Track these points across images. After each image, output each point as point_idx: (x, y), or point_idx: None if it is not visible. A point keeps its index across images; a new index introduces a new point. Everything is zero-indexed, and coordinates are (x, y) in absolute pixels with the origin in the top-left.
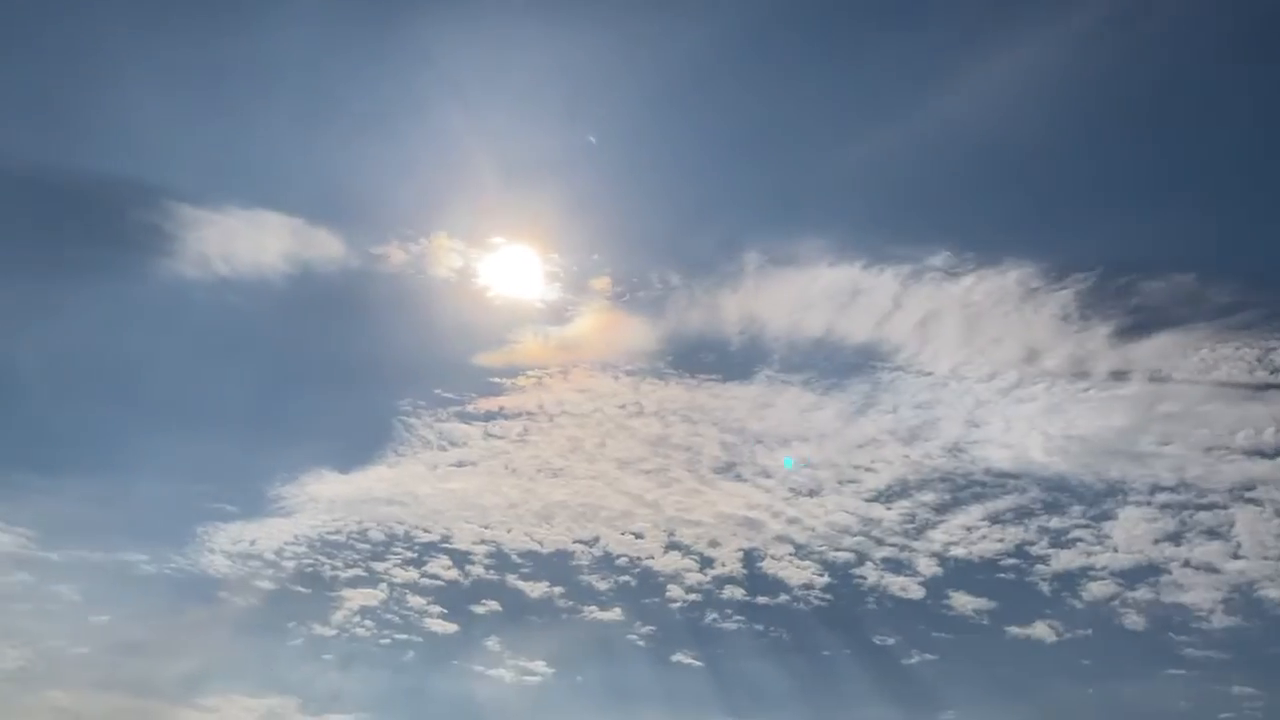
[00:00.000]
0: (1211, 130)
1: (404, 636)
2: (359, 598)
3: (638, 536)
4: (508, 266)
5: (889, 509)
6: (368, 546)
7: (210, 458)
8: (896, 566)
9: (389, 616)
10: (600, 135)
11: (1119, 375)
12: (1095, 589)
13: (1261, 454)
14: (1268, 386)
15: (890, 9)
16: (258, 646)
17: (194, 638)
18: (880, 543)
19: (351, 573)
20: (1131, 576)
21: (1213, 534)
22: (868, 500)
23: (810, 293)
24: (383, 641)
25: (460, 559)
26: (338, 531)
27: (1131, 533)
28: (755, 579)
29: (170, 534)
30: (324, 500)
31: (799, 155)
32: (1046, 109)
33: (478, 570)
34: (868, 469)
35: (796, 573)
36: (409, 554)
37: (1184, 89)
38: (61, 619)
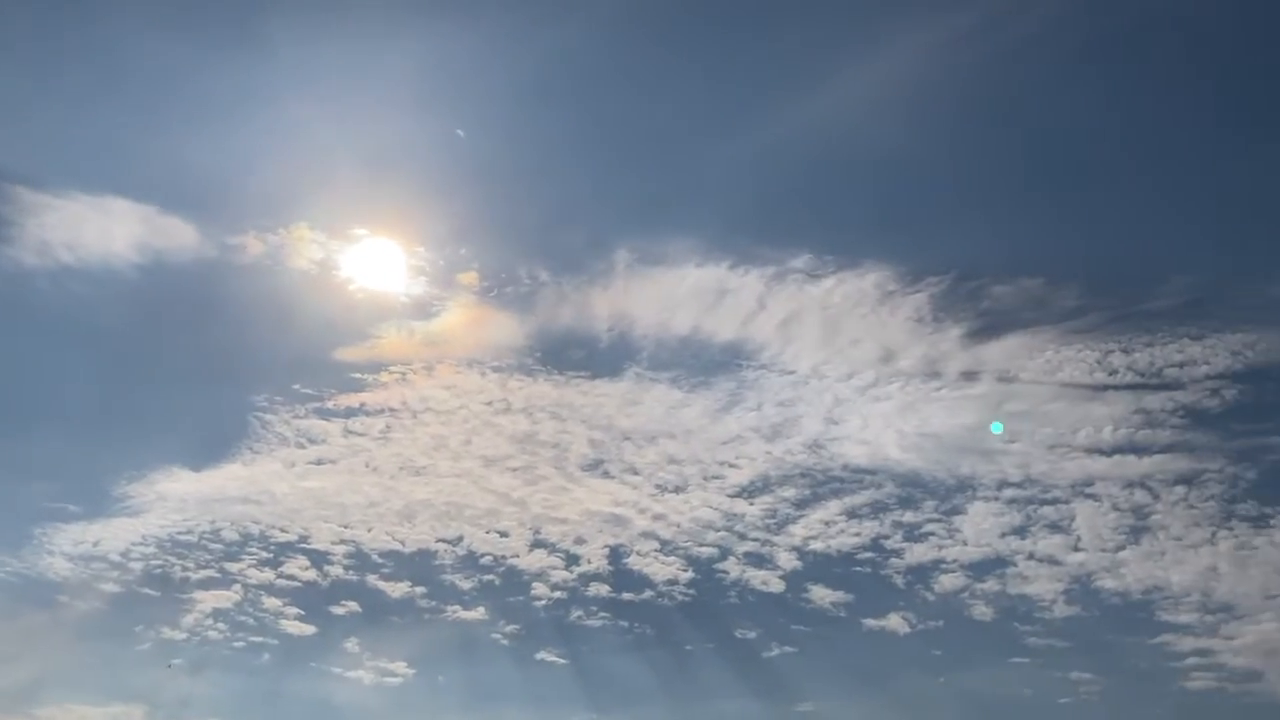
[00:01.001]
0: (1060, 139)
1: (259, 639)
2: (211, 600)
3: (503, 535)
4: (371, 259)
5: (751, 504)
6: (221, 547)
7: (51, 455)
8: (758, 561)
9: (243, 619)
10: (469, 129)
11: (969, 375)
12: (946, 581)
13: (1100, 452)
14: (1107, 387)
15: (755, 16)
16: (101, 652)
17: (30, 645)
18: (743, 538)
19: (204, 574)
20: (980, 569)
21: (1055, 528)
22: (731, 496)
23: (678, 292)
24: (236, 644)
25: (319, 559)
26: (189, 531)
27: (980, 527)
28: (621, 575)
29: (5, 536)
30: (174, 499)
31: (668, 157)
32: (905, 116)
33: (337, 570)
34: (732, 465)
35: (661, 569)
36: (265, 554)
37: (1033, 99)
38: None
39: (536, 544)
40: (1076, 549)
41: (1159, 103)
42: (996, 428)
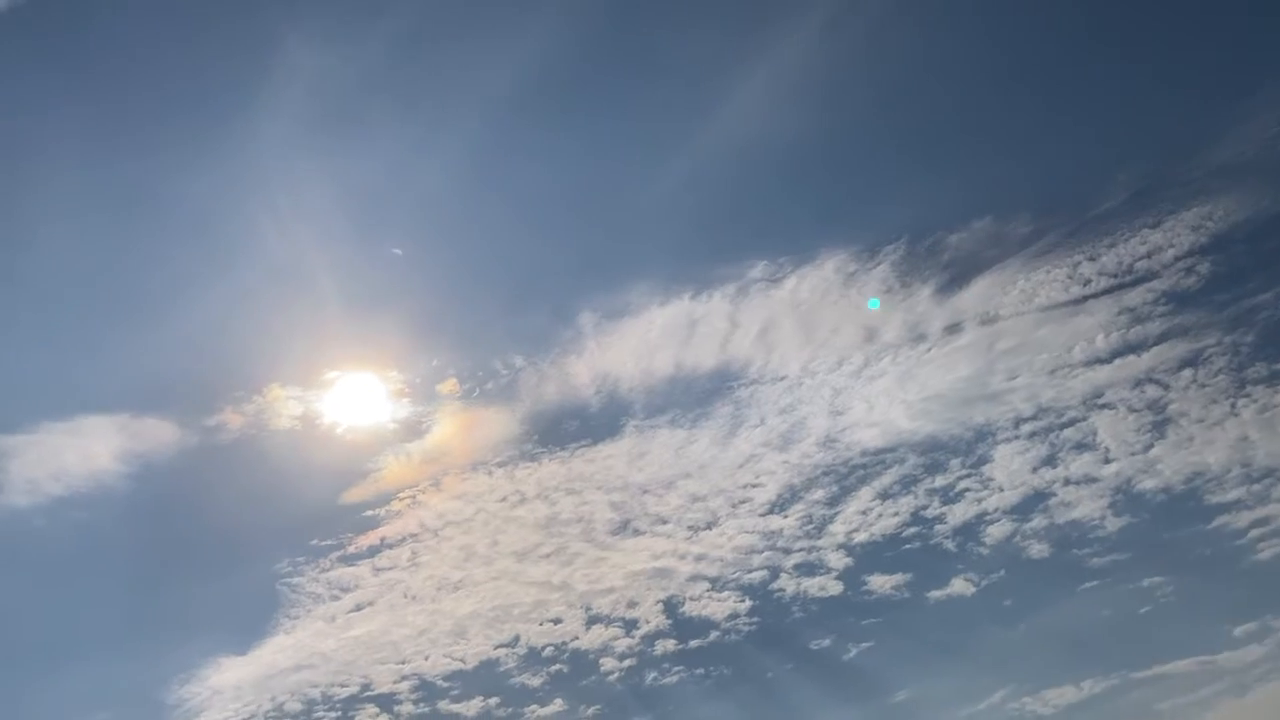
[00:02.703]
0: (962, 79)
1: None
2: None
3: (556, 622)
4: (350, 398)
5: (785, 517)
6: None
7: (96, 684)
8: (809, 569)
9: None
10: (404, 243)
11: (953, 328)
12: (995, 531)
13: (1100, 361)
14: (1086, 298)
15: (639, 50)
16: None
17: None
18: (788, 551)
19: None
20: (1023, 509)
21: (1081, 447)
22: (763, 515)
23: (650, 336)
24: None
25: (387, 702)
26: (253, 716)
27: (1010, 469)
28: (681, 625)
29: None
30: (229, 689)
31: (602, 208)
32: (817, 102)
33: (408, 708)
34: (754, 485)
35: (719, 606)
36: (333, 715)
37: (925, 46)
38: None
39: (591, 620)
40: (1108, 460)
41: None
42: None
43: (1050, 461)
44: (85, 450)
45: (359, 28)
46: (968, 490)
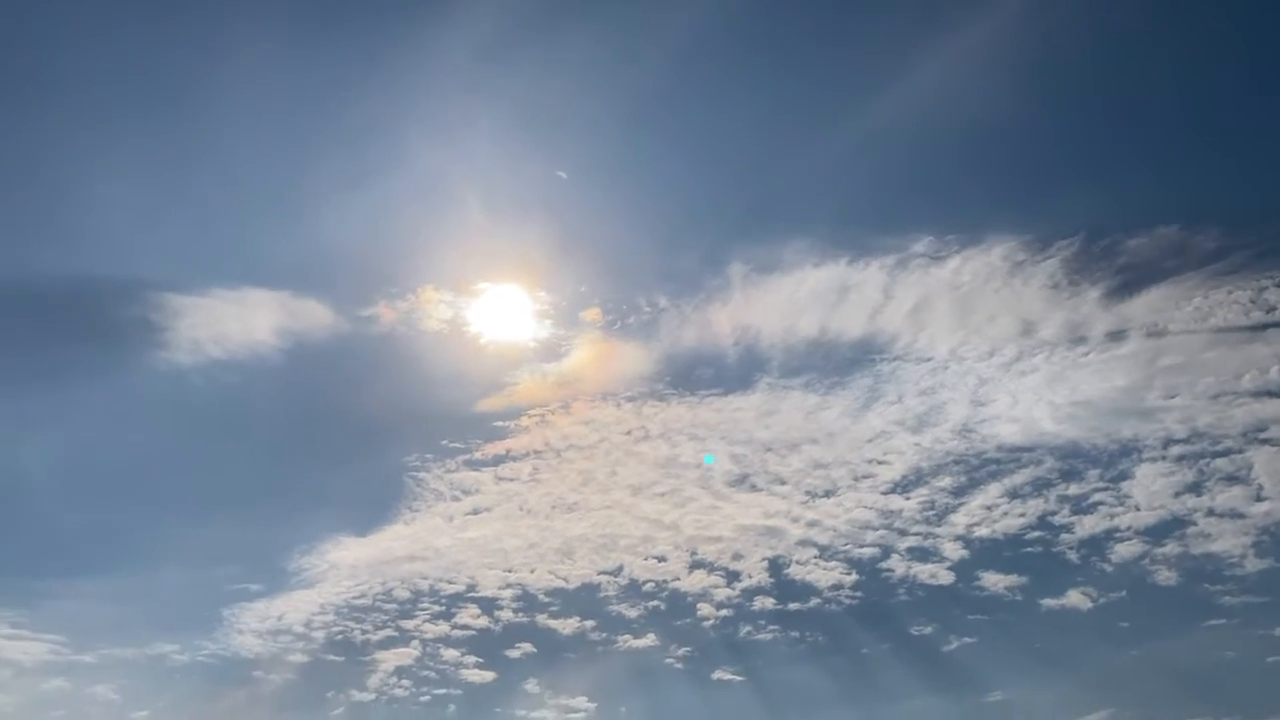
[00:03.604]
0: (1173, 81)
1: (443, 691)
2: (393, 658)
3: (661, 560)
4: (497, 310)
5: (907, 499)
6: (395, 606)
7: (228, 540)
8: (923, 555)
9: (425, 673)
10: (569, 168)
11: (1116, 335)
12: (1123, 550)
13: (1270, 394)
14: (1266, 326)
15: (832, 6)
16: None
17: None
18: (904, 533)
19: (382, 634)
20: (1157, 532)
21: (1233, 479)
22: (885, 493)
23: (799, 295)
24: (422, 699)
25: (488, 606)
26: (363, 595)
27: (1151, 489)
28: (784, 586)
29: (198, 621)
30: (346, 566)
31: (771, 161)
32: (1008, 83)
33: (507, 615)
34: (880, 462)
35: (824, 574)
36: (437, 608)
37: (1139, 43)
38: None
39: (695, 565)
40: (1259, 498)
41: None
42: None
43: (1196, 489)
44: (246, 320)
45: None
46: (1102, 504)
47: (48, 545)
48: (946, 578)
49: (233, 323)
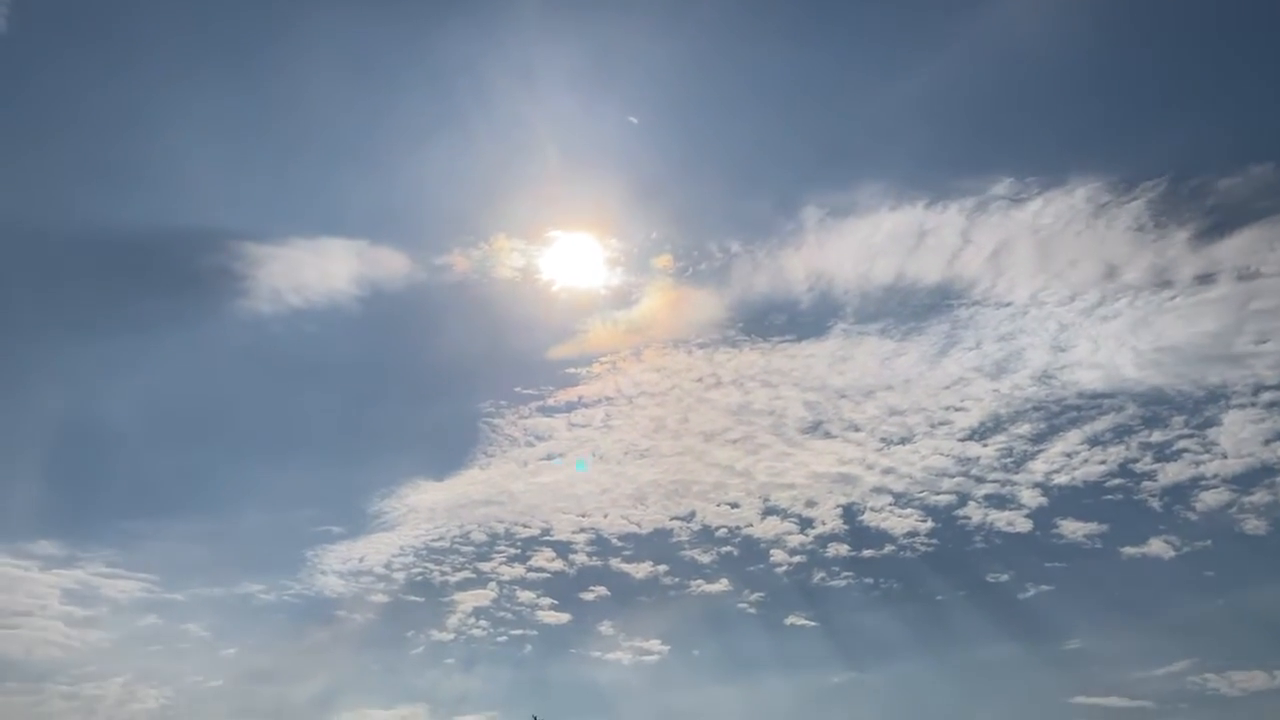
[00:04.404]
0: (1261, 20)
1: (519, 632)
2: (471, 599)
3: (733, 506)
4: (568, 258)
5: (985, 446)
6: (472, 549)
7: (310, 483)
8: (1000, 502)
9: (502, 614)
10: (640, 114)
11: (1204, 279)
12: (1209, 499)
13: None
14: None
15: None
16: (381, 659)
17: (319, 659)
18: (980, 480)
19: (460, 576)
20: (1245, 481)
21: None
22: (962, 440)
23: (874, 240)
24: (499, 639)
25: (563, 549)
26: (441, 538)
27: (1239, 436)
28: (857, 533)
29: (283, 561)
30: (424, 509)
31: (844, 101)
32: (1089, 18)
33: (581, 558)
34: (957, 409)
35: (899, 522)
36: (512, 550)
37: None
38: (193, 656)
39: (768, 511)
40: None
41: None
42: None
43: None
44: (324, 269)
45: None
46: (1186, 451)
47: (139, 488)
48: (1024, 525)
49: (311, 271)
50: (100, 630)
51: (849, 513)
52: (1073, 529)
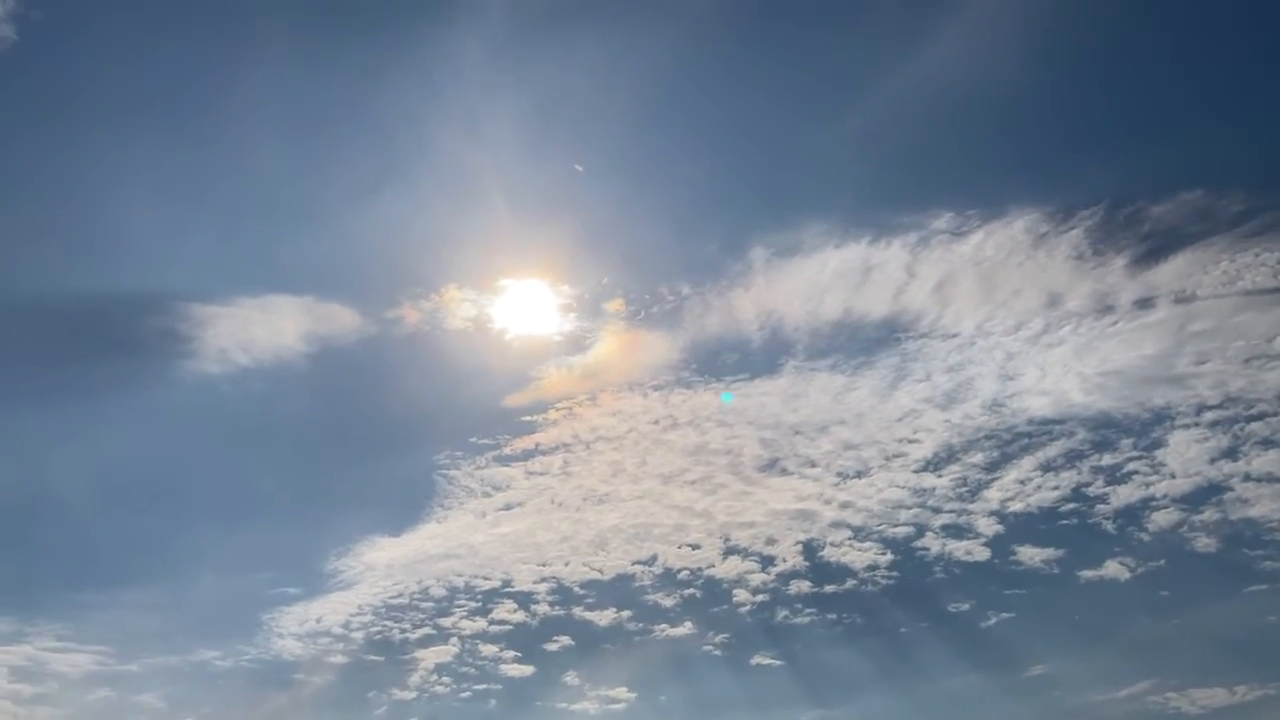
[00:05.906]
0: (1194, 47)
1: (483, 686)
2: (432, 656)
3: (694, 547)
4: (520, 306)
5: (939, 476)
6: (431, 604)
7: (264, 545)
8: (957, 532)
9: (465, 669)
10: (586, 161)
11: (1144, 303)
12: (1160, 519)
13: None
14: None
15: None
16: None
17: None
18: (937, 511)
19: (420, 633)
20: (1194, 500)
21: (1268, 443)
22: (916, 471)
23: (821, 278)
24: (463, 695)
25: (524, 600)
26: (400, 594)
27: (1185, 456)
28: (819, 569)
29: (238, 626)
30: (381, 566)
31: (786, 145)
32: (1021, 53)
33: (543, 608)
34: (911, 440)
35: (858, 555)
36: (473, 604)
37: (1160, 6)
38: None
39: (729, 551)
40: None
41: None
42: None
43: (1231, 454)
44: (272, 326)
45: None
46: (1136, 473)
47: (88, 558)
48: (982, 554)
49: (259, 330)
50: (50, 707)
51: (809, 549)
52: (1030, 555)
